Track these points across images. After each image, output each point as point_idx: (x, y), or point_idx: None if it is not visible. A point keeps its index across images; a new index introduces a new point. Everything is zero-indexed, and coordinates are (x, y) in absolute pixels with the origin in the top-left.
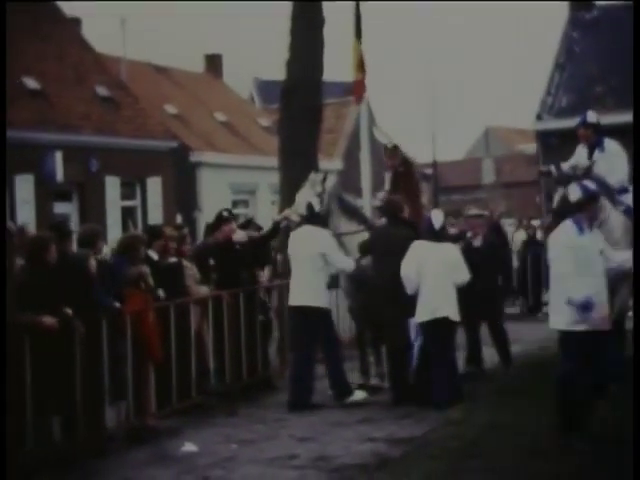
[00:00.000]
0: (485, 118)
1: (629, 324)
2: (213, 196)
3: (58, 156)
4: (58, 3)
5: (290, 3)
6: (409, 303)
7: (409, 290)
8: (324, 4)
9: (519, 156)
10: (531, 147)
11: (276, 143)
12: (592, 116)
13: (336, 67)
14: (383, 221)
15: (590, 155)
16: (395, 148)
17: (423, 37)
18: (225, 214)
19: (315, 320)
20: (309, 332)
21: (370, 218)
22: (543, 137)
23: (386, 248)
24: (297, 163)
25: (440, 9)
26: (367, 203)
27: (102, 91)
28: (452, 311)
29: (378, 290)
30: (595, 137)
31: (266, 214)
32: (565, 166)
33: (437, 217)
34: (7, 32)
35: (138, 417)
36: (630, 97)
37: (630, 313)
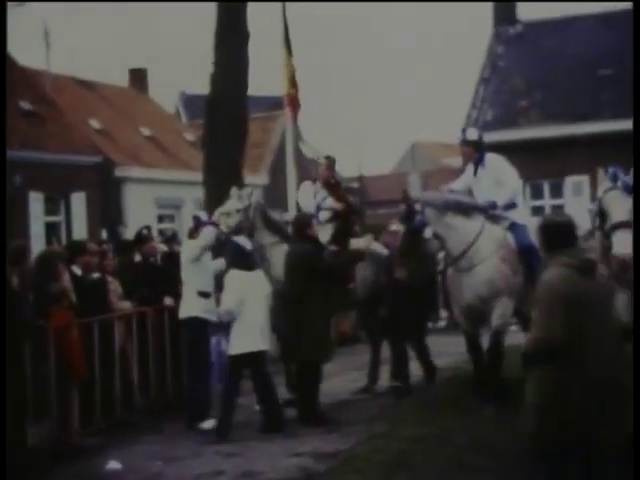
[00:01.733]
0: (412, 133)
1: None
2: (138, 211)
3: None
4: None
5: (214, 18)
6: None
7: (224, 320)
8: (249, 18)
9: (445, 170)
10: (457, 161)
11: (201, 158)
12: (472, 133)
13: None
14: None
15: (475, 173)
16: (334, 160)
17: (349, 51)
18: (145, 232)
19: (188, 333)
20: (189, 346)
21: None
22: None
23: (288, 265)
24: (222, 178)
25: (366, 23)
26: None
27: (26, 105)
28: (267, 343)
29: (284, 310)
30: (477, 155)
31: None
32: (455, 186)
33: (245, 241)
34: None
35: (62, 434)
36: (555, 111)
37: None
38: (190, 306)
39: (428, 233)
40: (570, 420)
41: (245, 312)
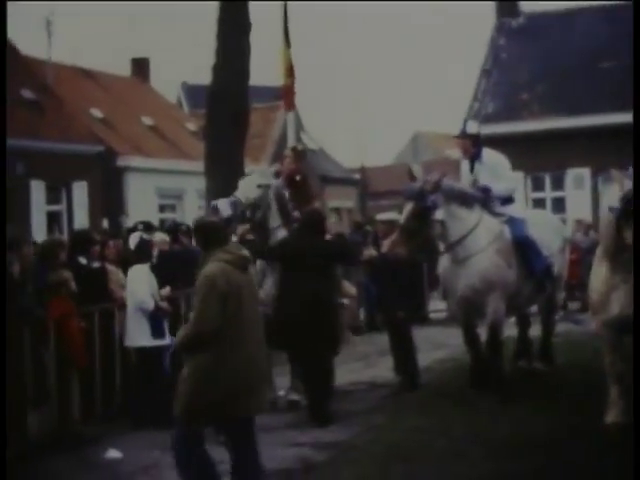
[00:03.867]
0: (413, 123)
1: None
2: (140, 201)
3: None
4: None
5: (217, 7)
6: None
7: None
8: (251, 9)
9: (447, 161)
10: (459, 152)
11: (203, 148)
12: (472, 126)
13: (264, 71)
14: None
15: (471, 168)
16: (304, 152)
17: (352, 40)
18: (140, 227)
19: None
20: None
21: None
22: None
23: (302, 263)
24: (223, 168)
25: (369, 12)
26: None
27: (28, 94)
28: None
29: (291, 310)
30: (474, 149)
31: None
32: None
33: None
34: None
35: (62, 423)
36: (556, 104)
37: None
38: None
39: (438, 215)
40: (215, 401)
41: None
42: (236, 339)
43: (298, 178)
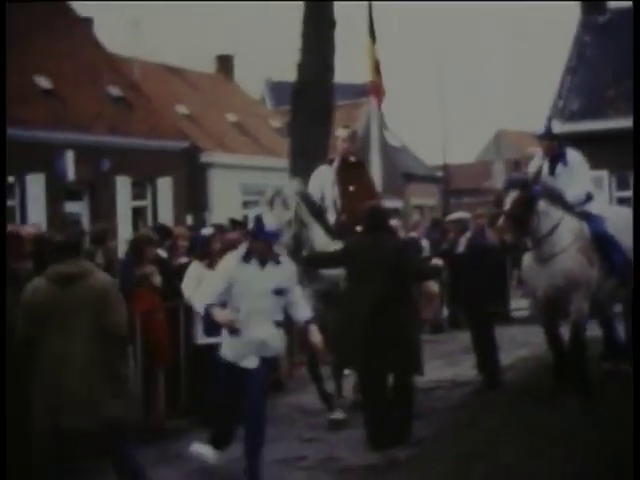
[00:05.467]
0: (496, 121)
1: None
2: (223, 197)
3: (69, 155)
4: (71, 3)
5: (302, 4)
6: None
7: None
8: (336, 6)
9: (529, 159)
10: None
11: (287, 144)
12: (556, 126)
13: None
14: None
15: (552, 169)
16: (352, 131)
17: (434, 38)
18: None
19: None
20: None
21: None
22: None
23: (369, 263)
24: (307, 165)
25: (452, 10)
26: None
27: (114, 91)
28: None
29: (353, 320)
30: (558, 150)
31: None
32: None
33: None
34: (20, 31)
35: (147, 417)
36: None
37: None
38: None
39: (541, 206)
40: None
41: None
42: (51, 354)
43: (353, 159)
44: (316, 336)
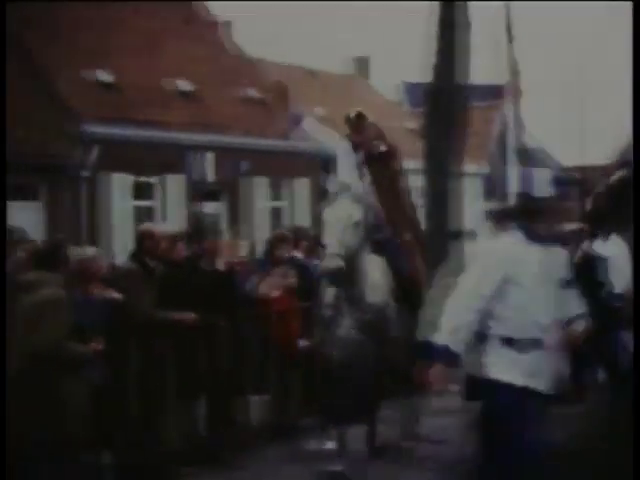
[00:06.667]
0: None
1: None
2: None
3: (209, 157)
4: (208, 4)
5: (436, 6)
6: None
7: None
8: (471, 7)
9: None
10: None
11: (421, 146)
12: None
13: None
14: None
15: None
16: (360, 117)
17: (574, 39)
18: None
19: None
20: None
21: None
22: None
23: None
24: (442, 167)
25: (589, 9)
26: None
27: (252, 93)
28: None
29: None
30: None
31: None
32: None
33: None
34: (158, 33)
35: (279, 414)
36: None
37: None
38: None
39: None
40: None
41: None
42: None
43: (383, 149)
44: None
